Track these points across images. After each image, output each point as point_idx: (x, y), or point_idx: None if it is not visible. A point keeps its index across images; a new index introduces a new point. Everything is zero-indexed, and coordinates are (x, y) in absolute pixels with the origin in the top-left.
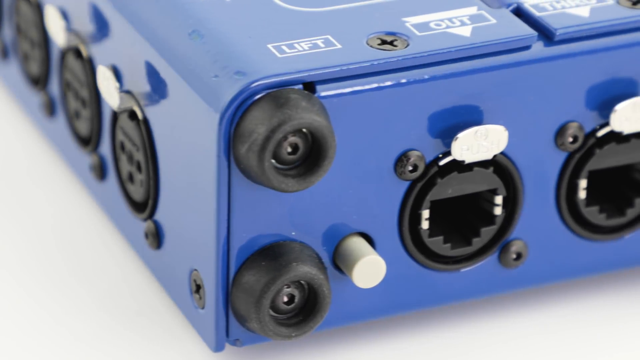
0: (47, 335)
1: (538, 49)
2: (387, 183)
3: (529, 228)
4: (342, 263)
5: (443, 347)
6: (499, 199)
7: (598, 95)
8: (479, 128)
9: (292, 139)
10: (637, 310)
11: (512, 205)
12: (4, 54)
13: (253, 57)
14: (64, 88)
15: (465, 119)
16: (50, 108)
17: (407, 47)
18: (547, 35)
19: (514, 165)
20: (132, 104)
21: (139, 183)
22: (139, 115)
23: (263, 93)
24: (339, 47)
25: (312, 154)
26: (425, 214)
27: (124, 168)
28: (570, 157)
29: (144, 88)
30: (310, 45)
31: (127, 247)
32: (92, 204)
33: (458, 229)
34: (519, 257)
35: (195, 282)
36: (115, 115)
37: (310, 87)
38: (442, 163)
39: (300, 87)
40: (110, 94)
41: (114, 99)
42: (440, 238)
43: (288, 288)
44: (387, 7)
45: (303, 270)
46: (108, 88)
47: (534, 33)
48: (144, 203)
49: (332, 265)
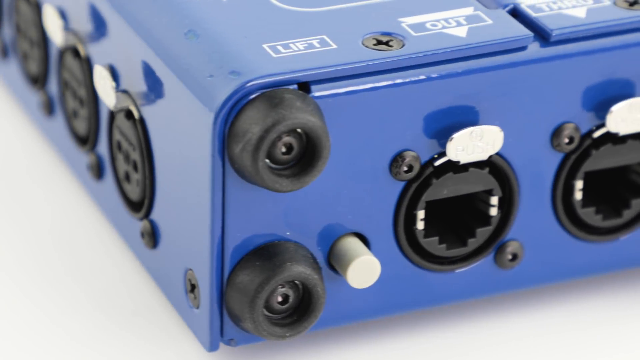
0: (42, 334)
1: (534, 50)
2: (382, 183)
3: (525, 229)
4: (336, 263)
5: (439, 347)
6: (495, 200)
7: (594, 96)
8: (474, 129)
9: (286, 139)
10: (635, 312)
11: (507, 206)
12: (4, 53)
13: (248, 57)
14: (63, 87)
15: (461, 120)
16: (49, 107)
17: (402, 47)
18: (543, 36)
19: (510, 166)
20: (128, 104)
21: (135, 182)
22: (136, 115)
23: (258, 93)
24: (335, 47)
25: (306, 154)
26: (421, 215)
27: (121, 167)
28: (567, 158)
29: (141, 87)
30: (306, 45)
31: (124, 246)
32: (90, 203)
33: (453, 230)
34: (515, 258)
35: (190, 281)
36: (112, 115)
37: (305, 87)
38: (437, 163)
39: (295, 87)
40: (107, 94)
41: (111, 99)
42: (436, 239)
43: (282, 288)
44: (383, 7)
45: (297, 270)
46: (104, 87)
47: (530, 34)
48: (140, 202)
49: (326, 266)
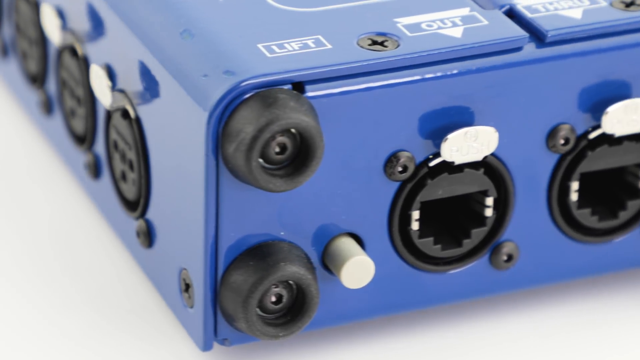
0: (37, 332)
1: (529, 51)
2: (376, 184)
3: (520, 230)
4: (331, 263)
5: (434, 348)
6: (490, 201)
7: (590, 97)
8: (469, 129)
9: (280, 139)
10: (631, 313)
11: (503, 207)
12: (4, 52)
13: (243, 56)
14: (61, 86)
15: (456, 120)
16: (48, 106)
17: (397, 47)
18: (538, 37)
19: (505, 167)
20: (124, 103)
21: (131, 182)
22: (132, 114)
23: (252, 92)
24: (329, 47)
25: (300, 154)
26: (415, 215)
27: (117, 166)
28: (562, 159)
29: (137, 87)
30: (301, 45)
31: (120, 245)
32: (87, 202)
33: (449, 230)
34: (510, 258)
35: (185, 281)
36: (109, 114)
37: (300, 87)
38: (432, 164)
39: (289, 87)
40: (103, 93)
41: (107, 98)
42: (431, 239)
43: (276, 288)
44: (379, 7)
45: (291, 270)
46: (101, 87)
47: (526, 35)
48: (136, 202)
49: (321, 266)
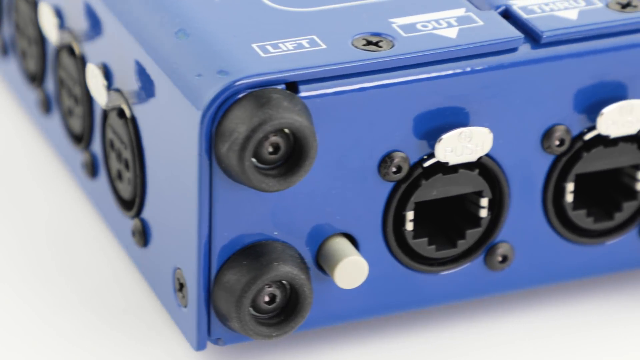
0: (31, 331)
1: (524, 52)
2: (370, 184)
3: (515, 231)
4: (324, 263)
5: (428, 349)
6: (485, 201)
7: (585, 98)
8: (463, 130)
9: (273, 139)
10: (627, 315)
11: (498, 208)
12: (4, 51)
13: (237, 56)
14: (59, 85)
15: (451, 121)
16: (46, 105)
17: (392, 48)
18: (533, 38)
19: (500, 168)
20: (120, 102)
21: (127, 181)
22: (127, 114)
23: (245, 92)
24: (324, 47)
25: (293, 154)
26: (410, 216)
27: (113, 166)
28: (557, 160)
29: (132, 86)
30: (295, 45)
31: (117, 244)
32: (85, 202)
33: (443, 231)
34: (505, 259)
35: (179, 280)
36: (106, 113)
37: (293, 87)
38: (426, 165)
39: (283, 87)
40: (99, 92)
41: (102, 97)
42: (425, 240)
43: (269, 288)
44: (375, 7)
45: (284, 270)
46: (96, 86)
47: (521, 35)
48: (132, 201)
49: (315, 266)
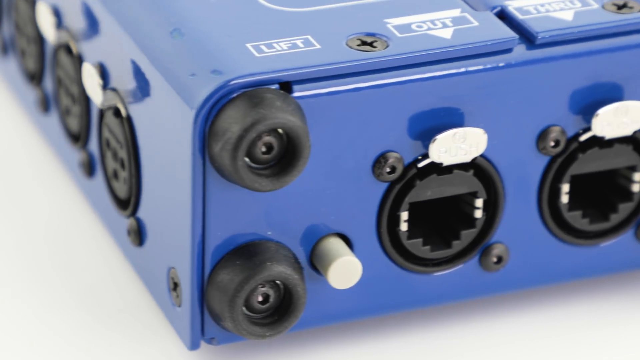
0: (25, 330)
1: (519, 52)
2: (365, 184)
3: (511, 231)
4: (318, 263)
5: (423, 350)
6: (480, 202)
7: (581, 100)
8: (458, 130)
9: (266, 139)
10: (626, 316)
11: (493, 209)
12: (4, 50)
13: (231, 56)
14: (57, 84)
15: (446, 122)
16: (45, 104)
17: (386, 48)
18: (528, 39)
19: (495, 169)
20: (116, 102)
21: (123, 180)
22: (123, 113)
23: (239, 92)
24: (318, 47)
25: (286, 154)
26: (404, 216)
27: (110, 165)
28: (553, 161)
29: (128, 86)
30: (289, 45)
31: (114, 244)
32: (83, 201)
33: (438, 232)
34: (500, 260)
35: (173, 279)
36: (102, 113)
37: (287, 87)
38: (421, 165)
39: (277, 86)
40: (94, 91)
41: (98, 96)
42: (420, 240)
43: (263, 287)
44: (371, 8)
45: (277, 270)
46: (92, 85)
47: (515, 36)
48: (127, 200)
49: (309, 266)
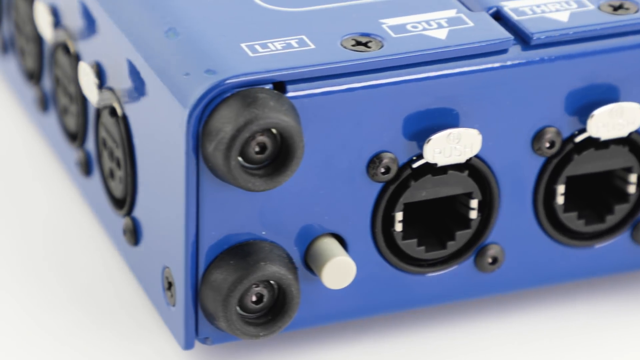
0: (19, 329)
1: (514, 53)
2: (359, 184)
3: (506, 232)
4: (312, 263)
5: (418, 350)
6: (475, 203)
7: (576, 101)
8: (452, 131)
9: (260, 139)
10: (622, 319)
11: (488, 209)
12: (4, 49)
13: (225, 55)
14: (55, 84)
15: (440, 122)
16: (44, 103)
17: (381, 48)
18: (524, 40)
19: (490, 169)
20: (112, 101)
21: (119, 179)
22: (119, 112)
23: (232, 92)
24: (312, 47)
25: (280, 154)
26: (399, 216)
27: (106, 164)
28: (548, 162)
29: (124, 85)
30: (284, 45)
31: (111, 243)
32: (81, 200)
33: (433, 232)
34: (495, 261)
35: (167, 279)
36: (99, 112)
37: (281, 87)
38: (415, 165)
39: (270, 86)
40: (90, 90)
41: (93, 95)
42: (414, 241)
43: (257, 287)
44: (366, 8)
45: (271, 270)
46: (88, 84)
47: (510, 37)
48: (123, 199)
49: (303, 266)
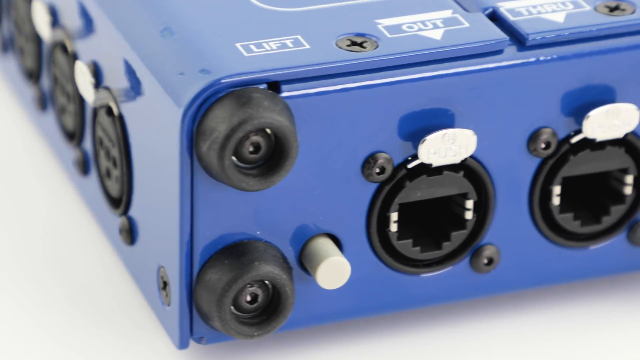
0: (16, 328)
1: (510, 54)
2: (354, 185)
3: (501, 233)
4: (307, 263)
5: (414, 351)
6: (470, 204)
7: (572, 102)
8: (447, 131)
9: (254, 138)
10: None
11: (483, 210)
12: (4, 48)
13: (220, 55)
14: (53, 83)
15: (436, 123)
16: (42, 102)
17: (376, 48)
18: (519, 40)
19: (486, 170)
20: (109, 100)
21: (115, 179)
22: (115, 112)
23: (226, 91)
24: (307, 47)
25: (274, 154)
26: (394, 217)
27: (103, 163)
28: (544, 163)
29: (120, 84)
30: (279, 45)
31: (108, 242)
32: (79, 199)
33: (428, 233)
34: (491, 262)
35: (162, 278)
36: (95, 111)
37: (276, 86)
38: (410, 166)
39: (265, 86)
40: (86, 90)
41: (90, 95)
42: (410, 241)
43: (251, 287)
44: (362, 8)
45: (265, 270)
46: (84, 83)
47: (506, 37)
48: (119, 199)
49: (298, 266)
